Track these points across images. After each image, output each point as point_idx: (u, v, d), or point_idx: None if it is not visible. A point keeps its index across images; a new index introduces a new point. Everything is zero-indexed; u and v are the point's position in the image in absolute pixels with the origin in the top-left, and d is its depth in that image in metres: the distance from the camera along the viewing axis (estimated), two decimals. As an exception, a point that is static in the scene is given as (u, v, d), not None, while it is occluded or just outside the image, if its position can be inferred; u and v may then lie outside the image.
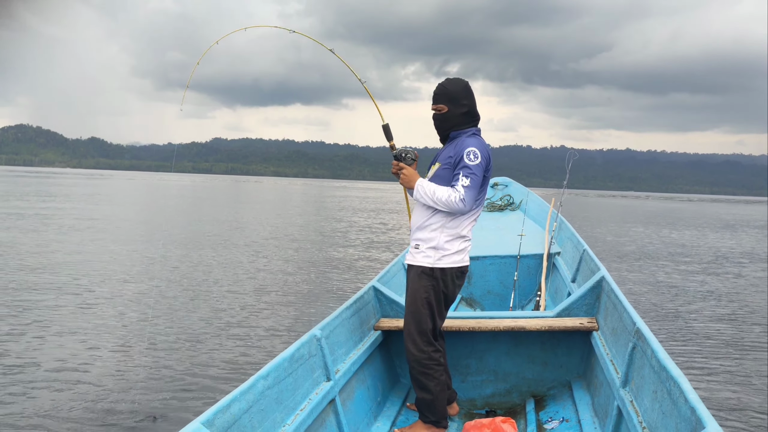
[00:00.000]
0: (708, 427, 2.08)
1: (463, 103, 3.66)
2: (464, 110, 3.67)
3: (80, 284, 10.04)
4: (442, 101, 3.68)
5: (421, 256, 3.66)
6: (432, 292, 3.64)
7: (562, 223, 7.34)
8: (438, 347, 3.71)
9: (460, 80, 3.72)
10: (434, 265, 3.62)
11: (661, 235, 25.77)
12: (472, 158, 3.49)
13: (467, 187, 3.45)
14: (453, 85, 3.68)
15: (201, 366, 6.26)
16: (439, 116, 3.72)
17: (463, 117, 3.68)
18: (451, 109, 3.67)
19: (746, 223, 40.33)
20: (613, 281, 4.12)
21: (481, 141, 3.65)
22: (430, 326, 3.66)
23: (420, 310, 3.64)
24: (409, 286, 3.74)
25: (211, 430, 2.33)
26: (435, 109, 3.73)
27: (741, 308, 10.17)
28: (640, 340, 3.10)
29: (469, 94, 3.69)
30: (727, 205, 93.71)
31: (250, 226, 22.34)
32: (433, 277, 3.62)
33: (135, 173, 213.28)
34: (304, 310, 8.92)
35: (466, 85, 3.70)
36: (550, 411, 4.03)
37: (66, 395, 5.36)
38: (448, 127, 3.72)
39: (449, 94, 3.66)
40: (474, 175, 3.47)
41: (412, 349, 3.67)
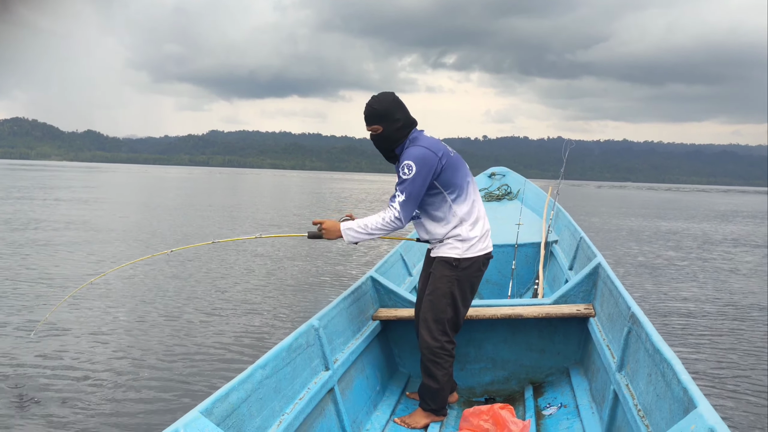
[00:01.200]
0: (699, 406, 2.10)
1: (396, 117, 3.58)
2: (399, 124, 3.60)
3: (78, 266, 10.06)
4: (375, 122, 3.59)
5: (448, 248, 3.66)
6: (456, 283, 3.64)
7: (560, 212, 7.36)
8: (452, 339, 3.72)
9: (387, 95, 3.64)
10: (462, 256, 3.62)
11: (655, 224, 25.83)
12: (406, 171, 3.46)
13: (402, 201, 3.45)
14: (381, 103, 3.58)
15: (198, 356, 6.27)
16: (377, 137, 3.65)
17: (400, 131, 3.61)
18: (386, 127, 3.59)
19: (743, 212, 40.41)
20: (609, 267, 4.14)
21: (419, 147, 3.55)
22: (449, 316, 3.67)
23: (440, 299, 3.65)
24: (432, 275, 3.73)
25: (210, 419, 2.34)
26: (370, 130, 3.65)
27: (734, 292, 10.22)
28: (635, 324, 3.12)
29: (400, 107, 3.61)
30: (724, 195, 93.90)
31: (246, 216, 22.32)
32: (459, 268, 3.63)
33: (132, 166, 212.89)
34: (301, 300, 8.93)
35: (393, 99, 3.62)
36: (549, 397, 4.06)
37: (60, 387, 5.37)
38: (389, 145, 3.66)
39: (380, 112, 3.57)
40: (407, 190, 3.45)
41: (426, 337, 3.68)
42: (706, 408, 2.07)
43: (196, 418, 2.27)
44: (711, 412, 2.04)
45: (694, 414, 2.09)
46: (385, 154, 3.74)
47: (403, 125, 3.62)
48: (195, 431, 2.23)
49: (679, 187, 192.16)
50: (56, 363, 5.92)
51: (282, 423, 2.86)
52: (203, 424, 2.29)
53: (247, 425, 2.63)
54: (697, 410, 2.09)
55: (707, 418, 2.00)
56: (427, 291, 3.76)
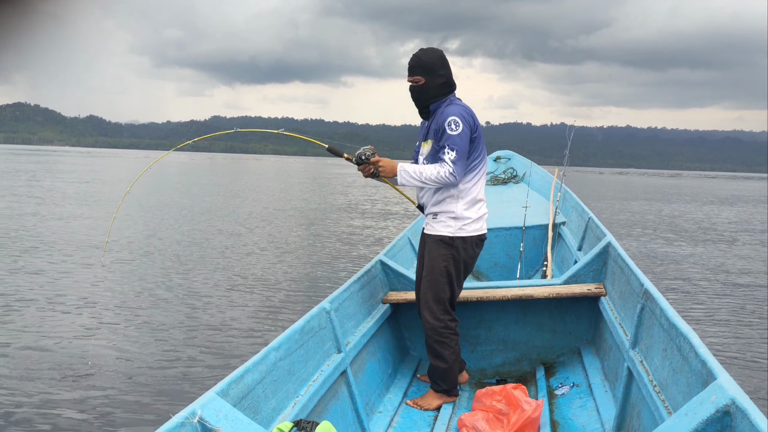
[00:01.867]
0: (719, 378, 2.09)
1: (440, 73, 3.61)
2: (441, 81, 3.62)
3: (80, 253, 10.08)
4: (419, 73, 3.61)
5: (441, 226, 3.66)
6: (451, 261, 3.65)
7: (567, 193, 7.34)
8: (454, 317, 3.75)
9: (435, 50, 3.65)
10: (455, 234, 3.63)
11: (659, 208, 25.81)
12: (453, 128, 3.47)
13: (454, 159, 3.45)
14: (428, 56, 3.61)
15: (213, 339, 6.32)
16: (416, 88, 3.65)
17: (441, 87, 3.63)
18: (428, 81, 3.60)
19: (746, 198, 40.35)
20: (620, 246, 4.13)
21: (461, 107, 3.60)
22: (448, 295, 3.68)
23: (438, 279, 3.66)
24: (427, 255, 3.74)
25: (227, 400, 2.36)
26: (411, 81, 3.66)
27: (739, 272, 10.23)
28: (648, 300, 3.12)
29: (444, 64, 3.64)
30: (726, 181, 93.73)
31: (255, 200, 22.34)
32: (453, 246, 3.63)
33: (136, 152, 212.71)
34: (312, 283, 8.99)
35: (441, 55, 3.64)
36: (560, 377, 4.07)
37: (76, 373, 5.40)
38: (426, 99, 3.66)
39: (425, 65, 3.59)
40: (458, 145, 3.45)
41: (428, 318, 3.69)
42: (726, 379, 2.06)
43: (213, 399, 2.29)
44: (731, 382, 2.03)
45: (714, 385, 2.07)
46: (420, 107, 3.74)
47: (445, 83, 3.64)
48: (212, 411, 2.24)
49: (681, 173, 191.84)
50: (51, 348, 5.95)
51: (297, 405, 2.87)
52: (220, 404, 2.30)
53: (263, 406, 2.65)
54: (717, 381, 2.08)
55: (728, 389, 1.99)
56: (424, 272, 3.76)
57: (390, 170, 3.62)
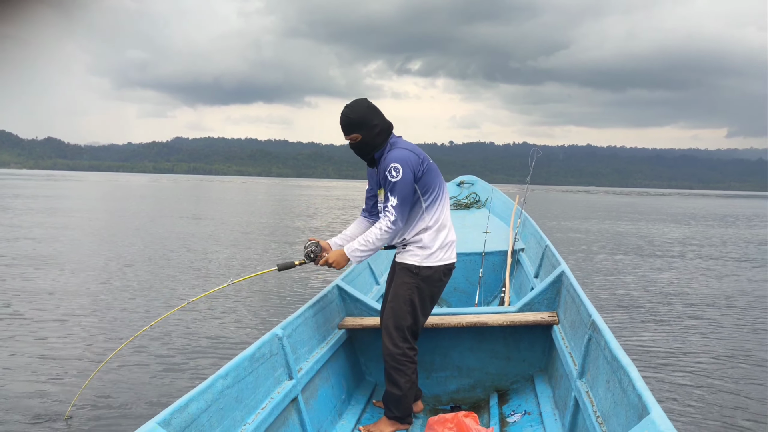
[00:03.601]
0: (652, 412, 2.15)
1: (374, 123, 3.62)
2: (377, 130, 3.63)
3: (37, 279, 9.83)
4: (353, 131, 3.63)
5: (408, 255, 3.70)
6: (415, 290, 3.67)
7: (526, 220, 7.44)
8: (413, 345, 3.75)
9: (360, 102, 3.67)
10: (421, 264, 3.66)
11: (618, 227, 26.25)
12: (394, 174, 3.51)
13: (396, 205, 3.50)
14: (356, 112, 3.61)
15: (157, 367, 6.18)
16: (356, 145, 3.68)
17: (379, 136, 3.65)
18: (365, 135, 3.62)
19: (702, 216, 41.32)
20: (572, 275, 4.20)
21: (401, 150, 3.61)
22: (409, 323, 3.69)
23: (401, 307, 3.68)
24: (394, 281, 3.77)
25: (168, 430, 2.31)
26: (349, 139, 3.68)
27: (693, 294, 10.44)
28: (595, 331, 3.17)
29: (375, 113, 3.65)
30: (683, 199, 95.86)
31: (211, 223, 22.08)
32: (419, 275, 3.66)
33: (93, 174, 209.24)
34: (265, 309, 8.87)
35: (367, 105, 3.66)
36: (513, 405, 4.10)
37: (15, 397, 5.25)
38: (370, 151, 3.69)
39: (356, 121, 3.60)
40: (399, 191, 3.49)
41: (387, 344, 3.70)
42: (659, 414, 2.12)
43: (153, 429, 2.25)
44: (663, 418, 2.09)
45: (647, 420, 2.13)
46: (367, 159, 3.77)
47: (381, 130, 3.65)
48: None
49: (642, 191, 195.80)
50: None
51: None
52: None
53: None
54: (650, 416, 2.13)
55: (659, 424, 2.05)
56: (389, 298, 3.80)
57: (342, 261, 3.70)
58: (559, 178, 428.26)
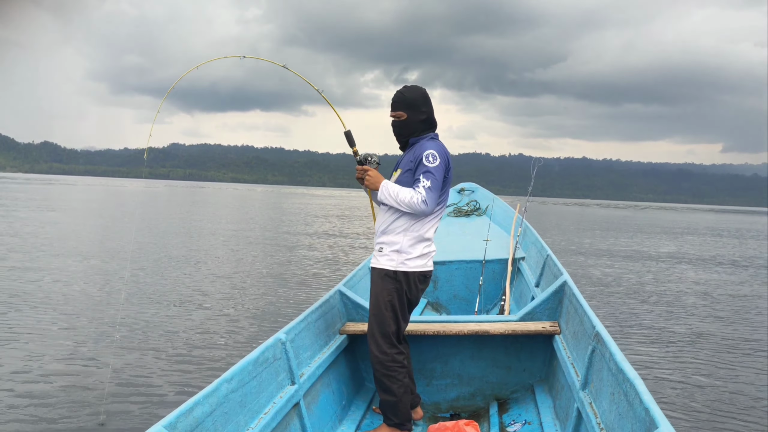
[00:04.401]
0: (661, 427, 2.13)
1: (422, 110, 3.70)
2: (423, 117, 3.70)
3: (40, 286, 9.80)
4: (401, 108, 3.70)
5: (385, 259, 3.68)
6: (395, 294, 3.66)
7: (527, 229, 7.43)
8: (401, 350, 3.73)
9: (418, 87, 3.75)
10: (397, 269, 3.65)
11: (616, 240, 26.32)
12: (431, 160, 3.54)
13: (428, 188, 3.50)
14: (411, 93, 3.70)
15: (164, 370, 6.16)
16: (398, 123, 3.74)
17: (422, 124, 3.72)
18: (410, 116, 3.69)
19: (700, 230, 41.45)
20: (575, 286, 4.20)
21: (440, 144, 3.70)
22: (393, 329, 3.68)
23: (383, 313, 3.67)
24: (372, 289, 3.76)
25: None
26: (394, 116, 3.75)
27: (697, 307, 10.46)
28: (599, 343, 3.16)
29: (427, 101, 3.73)
30: (681, 213, 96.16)
31: (211, 230, 22.06)
32: (396, 280, 3.65)
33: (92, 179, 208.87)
34: (269, 314, 8.86)
35: (424, 93, 3.74)
36: (513, 414, 4.08)
37: (22, 401, 5.22)
38: (408, 134, 3.75)
39: (408, 101, 3.68)
40: (434, 177, 3.52)
41: (375, 351, 3.69)
42: (667, 429, 2.10)
43: None
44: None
45: None
46: (401, 141, 3.81)
47: (426, 119, 3.73)
48: None
49: (636, 205, 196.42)
50: (11, 375, 5.75)
51: None
52: None
53: None
54: (659, 430, 2.12)
55: None
56: (370, 305, 3.79)
57: (374, 183, 3.70)
58: (554, 190, 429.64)
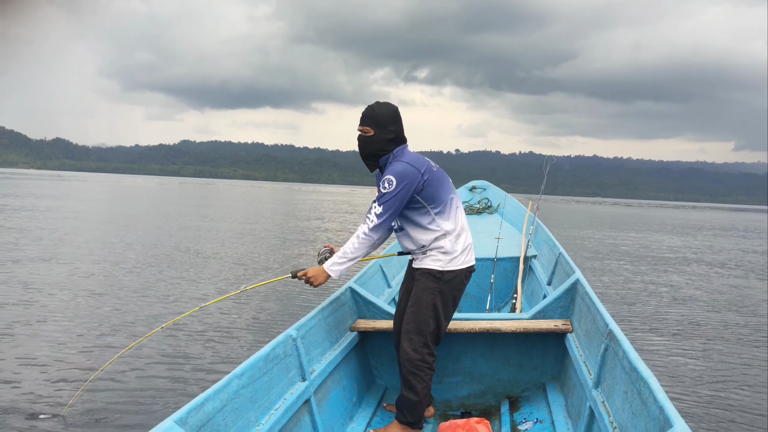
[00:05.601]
0: (675, 425, 2.11)
1: (390, 129, 3.63)
2: (390, 136, 3.64)
3: (44, 281, 9.85)
4: (369, 124, 3.64)
5: (430, 260, 3.68)
6: (438, 295, 3.65)
7: (539, 227, 7.40)
8: (433, 352, 3.72)
9: (390, 105, 3.69)
10: (444, 268, 3.65)
11: (630, 237, 26.21)
12: (386, 186, 3.50)
13: (379, 213, 3.49)
14: (382, 110, 3.64)
15: (174, 365, 6.18)
16: (364, 138, 3.68)
17: (388, 143, 3.65)
18: (377, 133, 3.63)
19: (714, 228, 41.21)
20: (588, 284, 4.18)
21: (401, 163, 3.58)
22: (431, 328, 3.67)
23: (423, 311, 3.65)
24: (415, 287, 3.74)
25: (185, 429, 2.32)
26: (361, 130, 3.69)
27: (709, 304, 10.40)
28: (612, 341, 3.14)
29: (397, 121, 3.66)
30: (693, 212, 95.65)
31: (224, 225, 22.13)
32: (442, 280, 3.65)
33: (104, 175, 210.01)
34: (280, 310, 8.87)
35: (395, 111, 3.67)
36: (525, 412, 4.07)
37: (32, 394, 5.25)
38: (373, 150, 3.69)
39: (377, 117, 3.62)
40: (386, 203, 3.48)
41: (407, 348, 3.66)
42: (682, 427, 2.08)
43: (171, 428, 2.25)
44: (687, 431, 2.06)
45: None
46: (366, 159, 3.76)
47: (394, 139, 3.66)
48: None
49: (650, 203, 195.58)
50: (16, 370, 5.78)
51: None
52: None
53: None
54: (673, 429, 2.10)
55: None
56: (410, 303, 3.75)
57: (321, 278, 3.67)
58: (565, 188, 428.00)
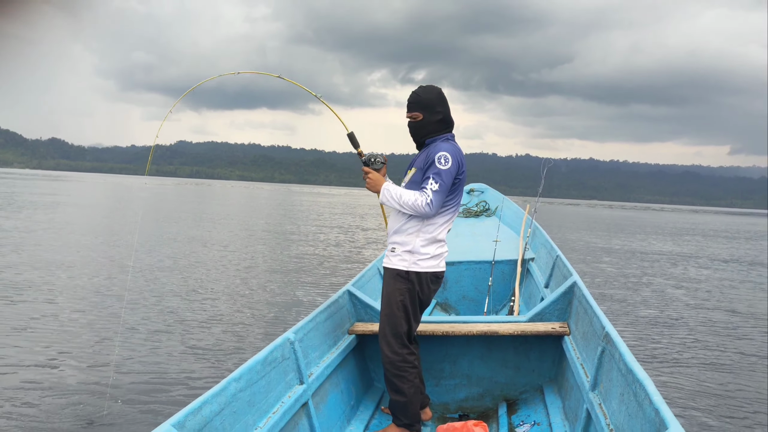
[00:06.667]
0: (671, 427, 2.13)
1: (438, 110, 3.68)
2: (439, 117, 3.68)
3: (45, 282, 9.83)
4: (417, 109, 3.69)
5: (397, 259, 3.67)
6: (407, 294, 3.65)
7: (537, 230, 7.41)
8: (412, 350, 3.73)
9: (434, 87, 3.73)
10: (409, 269, 3.63)
11: (625, 240, 26.26)
12: (443, 162, 3.51)
13: (435, 191, 3.47)
14: (427, 93, 3.69)
15: (172, 369, 6.17)
16: (415, 124, 3.72)
17: (438, 124, 3.69)
18: (426, 117, 3.67)
19: (708, 231, 41.31)
20: (585, 287, 4.19)
21: (455, 146, 3.67)
22: (405, 329, 3.67)
23: (395, 313, 3.65)
24: (384, 289, 3.75)
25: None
26: (410, 117, 3.73)
27: (706, 307, 10.43)
28: (608, 344, 3.16)
29: (443, 102, 3.71)
30: (689, 215, 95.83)
31: (220, 229, 22.10)
32: (409, 280, 3.63)
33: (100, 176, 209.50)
34: (278, 313, 8.85)
35: (439, 93, 3.72)
36: (522, 415, 4.08)
37: (31, 397, 5.24)
38: (424, 134, 3.72)
39: (423, 101, 3.67)
40: (442, 179, 3.48)
41: (386, 351, 3.68)
42: (678, 430, 2.10)
43: (168, 431, 2.25)
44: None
45: None
46: (417, 141, 3.78)
47: (442, 119, 3.70)
48: None
49: (648, 206, 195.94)
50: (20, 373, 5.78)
51: None
52: None
53: None
54: (669, 431, 2.12)
55: None
56: (381, 305, 3.76)
57: (374, 185, 3.69)
58: (561, 191, 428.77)
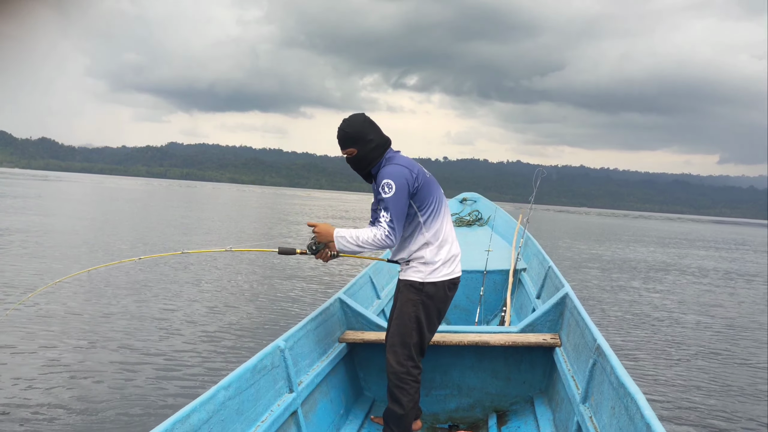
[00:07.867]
0: None
1: (369, 138, 3.59)
2: (372, 145, 3.60)
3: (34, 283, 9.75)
4: (350, 145, 3.61)
5: (412, 271, 3.66)
6: (421, 307, 3.62)
7: (529, 240, 7.43)
8: (418, 364, 3.70)
9: (357, 116, 3.65)
10: (425, 279, 3.62)
11: (616, 250, 26.36)
12: (386, 191, 3.46)
13: (389, 221, 3.44)
14: (353, 126, 3.59)
15: (161, 376, 6.14)
16: (353, 159, 3.65)
17: (375, 151, 3.62)
18: (361, 149, 3.60)
19: (697, 240, 41.54)
20: (577, 298, 4.19)
21: (396, 164, 3.58)
22: (415, 340, 3.65)
23: (406, 324, 3.63)
24: (399, 298, 3.73)
25: None
26: (345, 153, 3.65)
27: (697, 318, 10.47)
28: (600, 356, 3.15)
29: (371, 127, 3.62)
30: (678, 224, 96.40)
31: (210, 231, 22.02)
32: (424, 292, 3.62)
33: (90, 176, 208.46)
34: (268, 321, 8.82)
35: (364, 120, 3.63)
36: (512, 426, 4.07)
37: (9, 407, 5.18)
38: (366, 166, 3.66)
39: (352, 135, 3.58)
40: (392, 207, 3.44)
41: (392, 362, 3.66)
42: None
43: None
44: None
45: None
46: (363, 174, 3.73)
47: (377, 145, 3.62)
48: None
49: (641, 215, 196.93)
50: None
51: None
52: None
53: None
54: None
55: None
56: (394, 315, 3.75)
57: (326, 236, 3.62)
58: (551, 198, 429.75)
